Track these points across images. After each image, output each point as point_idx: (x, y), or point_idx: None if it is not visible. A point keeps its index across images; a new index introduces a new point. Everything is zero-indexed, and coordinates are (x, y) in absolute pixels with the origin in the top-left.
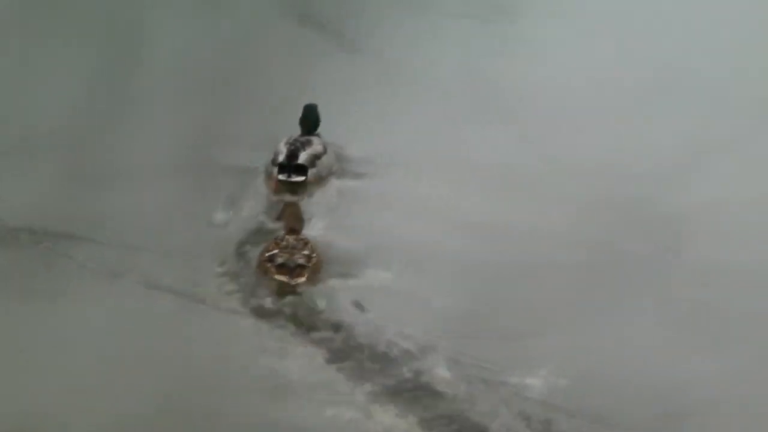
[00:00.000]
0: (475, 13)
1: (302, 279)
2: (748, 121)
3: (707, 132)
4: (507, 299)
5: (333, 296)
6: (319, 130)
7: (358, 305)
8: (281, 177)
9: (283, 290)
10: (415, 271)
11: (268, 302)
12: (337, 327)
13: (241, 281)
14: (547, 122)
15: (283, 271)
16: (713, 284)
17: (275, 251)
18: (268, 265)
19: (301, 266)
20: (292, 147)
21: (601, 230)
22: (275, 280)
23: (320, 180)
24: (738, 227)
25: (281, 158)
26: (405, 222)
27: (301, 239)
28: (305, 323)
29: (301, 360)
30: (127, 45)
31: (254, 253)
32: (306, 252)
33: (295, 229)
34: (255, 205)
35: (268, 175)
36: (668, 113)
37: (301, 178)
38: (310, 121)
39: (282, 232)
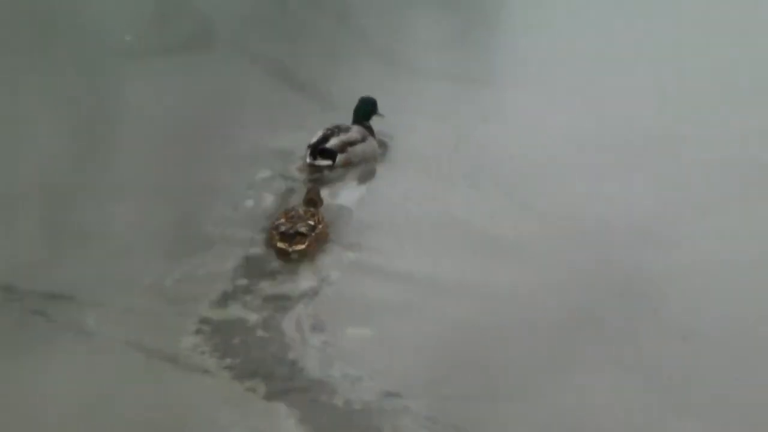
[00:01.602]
0: (455, 76)
1: (301, 246)
2: (728, 183)
3: (686, 194)
4: (485, 360)
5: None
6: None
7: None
8: (308, 160)
9: (282, 257)
10: (395, 329)
11: (240, 362)
12: (313, 385)
13: (215, 340)
14: (528, 185)
15: (284, 238)
16: (692, 347)
17: (281, 220)
18: (274, 233)
19: (302, 234)
20: (327, 132)
21: (580, 292)
22: (277, 247)
23: (351, 165)
24: (717, 290)
25: (313, 140)
26: (387, 280)
27: (311, 211)
28: (279, 381)
29: (274, 419)
30: (106, 102)
31: (229, 309)
32: (311, 222)
33: (313, 200)
34: (233, 259)
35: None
36: (648, 175)
37: (327, 162)
38: (360, 111)
39: (295, 205)
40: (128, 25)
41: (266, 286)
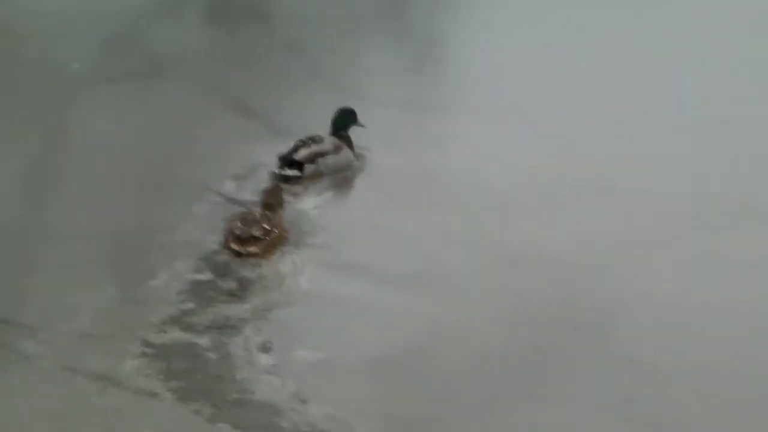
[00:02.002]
0: (407, 104)
1: (253, 249)
2: (684, 217)
3: (640, 227)
4: (435, 388)
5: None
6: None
7: None
8: (276, 170)
9: (235, 259)
10: (345, 352)
11: (186, 384)
12: (260, 407)
13: (159, 363)
14: (482, 214)
15: (238, 240)
16: (642, 376)
17: (237, 223)
18: (228, 235)
19: (255, 238)
20: (299, 143)
21: (532, 323)
22: (231, 249)
23: (321, 176)
24: (668, 321)
25: (283, 151)
26: (337, 303)
27: (268, 215)
28: (225, 403)
29: None
30: (53, 131)
31: (174, 332)
32: (266, 226)
33: (270, 204)
34: (179, 283)
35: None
36: (602, 207)
37: (295, 173)
38: (338, 121)
39: (255, 208)
40: (77, 53)
41: (213, 309)
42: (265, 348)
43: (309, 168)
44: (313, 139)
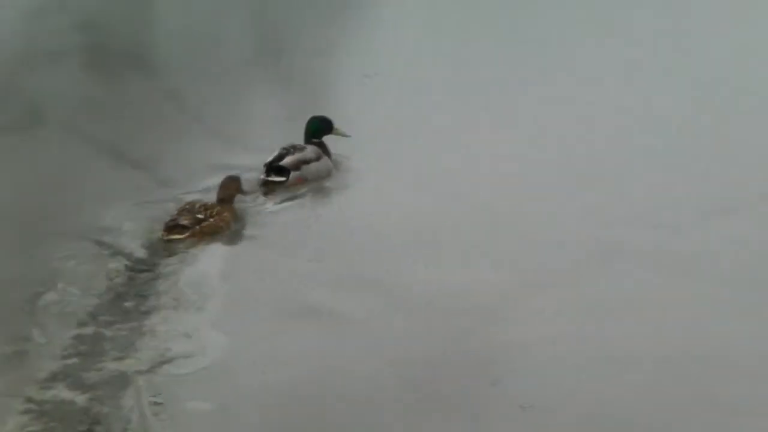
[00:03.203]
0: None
1: (178, 236)
2: (573, 258)
3: (524, 270)
4: None
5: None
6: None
7: None
8: (262, 176)
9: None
10: (235, 400)
11: None
12: None
13: (44, 420)
14: (372, 260)
15: (166, 228)
16: (531, 418)
17: (175, 212)
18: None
19: (182, 226)
20: (283, 151)
21: (422, 370)
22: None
23: (305, 182)
24: (553, 362)
25: (269, 159)
26: (229, 354)
27: (209, 207)
28: None
29: None
30: None
31: (58, 387)
32: (199, 215)
33: (222, 199)
34: (62, 337)
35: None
36: (489, 252)
37: (281, 179)
38: (310, 129)
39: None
40: None
41: (100, 361)
42: (155, 401)
43: (294, 174)
44: (296, 147)
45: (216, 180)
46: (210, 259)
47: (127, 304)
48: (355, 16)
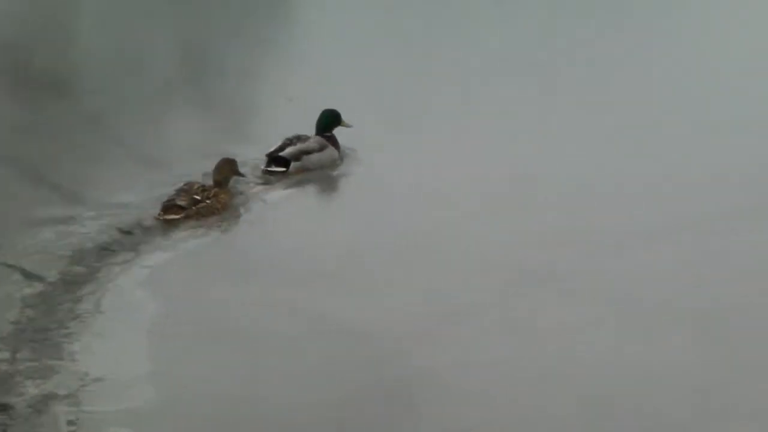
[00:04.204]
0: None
1: (172, 216)
2: (488, 286)
3: (447, 298)
4: None
5: None
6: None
7: None
8: (263, 166)
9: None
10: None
11: None
12: None
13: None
14: (298, 287)
15: (162, 207)
16: None
17: (173, 192)
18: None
19: (180, 207)
20: (286, 141)
21: (341, 390)
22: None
23: (306, 172)
24: (475, 390)
25: (271, 149)
26: (147, 390)
27: (207, 189)
28: None
29: None
30: None
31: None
32: (196, 197)
33: (218, 181)
34: None
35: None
36: (414, 274)
37: (282, 169)
38: (321, 122)
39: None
40: None
41: (17, 385)
42: (73, 429)
43: (295, 165)
44: (299, 138)
45: (137, 200)
46: (129, 280)
47: (44, 328)
48: (278, 40)
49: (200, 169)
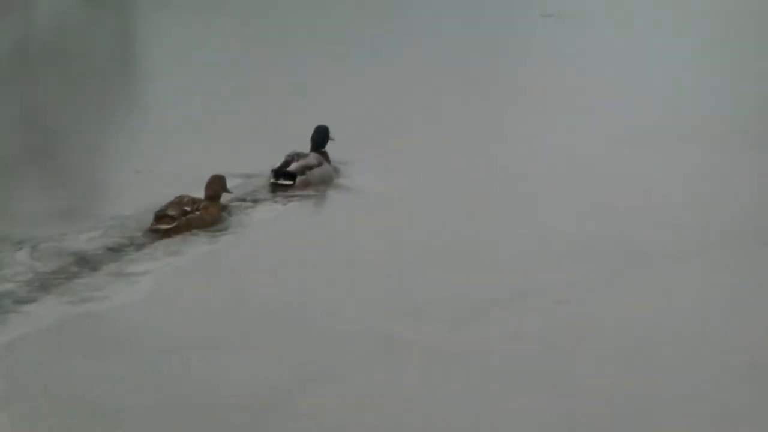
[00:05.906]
0: (63, 251)
1: (164, 226)
2: (352, 352)
3: (311, 362)
4: None
5: None
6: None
7: None
8: (272, 180)
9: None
10: None
11: None
12: None
13: None
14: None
15: (154, 217)
16: None
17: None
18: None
19: (170, 216)
20: (288, 158)
21: None
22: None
23: (309, 185)
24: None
25: (276, 165)
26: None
27: (197, 201)
28: None
29: None
30: None
31: None
32: (187, 208)
33: (210, 196)
34: None
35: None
36: (271, 343)
37: (289, 182)
38: (316, 139)
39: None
40: None
41: None
42: None
43: (300, 178)
44: (299, 155)
45: None
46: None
47: None
48: (127, 114)
49: (52, 240)
